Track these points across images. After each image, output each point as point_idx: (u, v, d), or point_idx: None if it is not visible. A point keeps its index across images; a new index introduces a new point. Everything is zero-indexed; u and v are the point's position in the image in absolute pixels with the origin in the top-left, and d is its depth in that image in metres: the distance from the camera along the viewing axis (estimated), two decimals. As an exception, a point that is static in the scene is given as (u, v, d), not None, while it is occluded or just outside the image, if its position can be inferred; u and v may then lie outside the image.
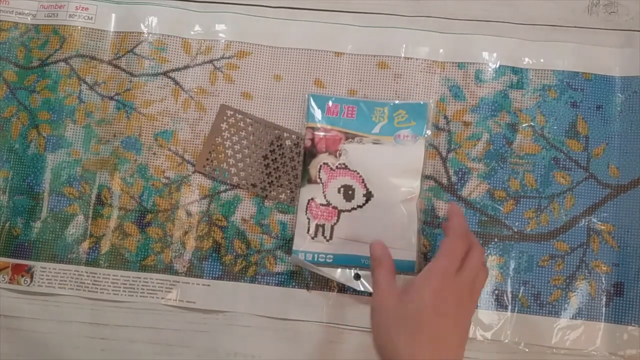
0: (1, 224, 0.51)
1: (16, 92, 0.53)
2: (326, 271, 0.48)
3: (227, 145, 0.52)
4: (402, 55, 0.53)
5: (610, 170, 0.51)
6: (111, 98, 0.53)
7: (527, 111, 0.52)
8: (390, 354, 0.37)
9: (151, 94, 0.53)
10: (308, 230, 0.49)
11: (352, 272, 0.49)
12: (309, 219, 0.50)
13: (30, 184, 0.52)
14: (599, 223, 0.50)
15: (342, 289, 0.50)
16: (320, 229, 0.49)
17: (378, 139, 0.50)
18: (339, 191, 0.50)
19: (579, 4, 0.54)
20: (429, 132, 0.51)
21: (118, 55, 0.54)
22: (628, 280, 0.49)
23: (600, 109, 0.51)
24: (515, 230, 0.50)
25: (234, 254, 0.51)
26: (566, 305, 0.49)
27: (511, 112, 0.52)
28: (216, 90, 0.53)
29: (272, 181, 0.52)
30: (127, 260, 0.51)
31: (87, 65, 0.53)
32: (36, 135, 0.52)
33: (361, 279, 0.48)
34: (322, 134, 0.51)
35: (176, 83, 0.53)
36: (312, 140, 0.51)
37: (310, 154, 0.51)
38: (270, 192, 0.52)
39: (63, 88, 0.53)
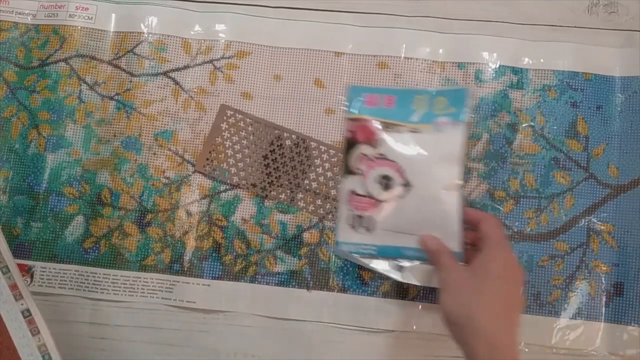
0: (1, 224, 0.51)
1: (16, 92, 0.53)
2: (369, 262, 0.48)
3: (227, 145, 0.52)
4: (402, 55, 0.53)
5: (610, 170, 0.51)
6: (111, 98, 0.53)
7: (527, 111, 0.52)
8: (468, 323, 0.39)
9: (151, 94, 0.53)
10: (350, 221, 0.49)
11: (396, 264, 0.48)
12: (350, 210, 0.49)
13: (30, 184, 0.52)
14: (599, 223, 0.50)
15: (342, 288, 0.50)
16: (362, 221, 0.48)
17: (416, 127, 0.49)
18: (378, 181, 0.49)
19: (579, 4, 0.54)
20: (468, 118, 0.49)
21: (118, 55, 0.54)
22: (628, 280, 0.49)
23: (600, 109, 0.51)
24: (515, 230, 0.50)
25: (234, 253, 0.51)
26: (566, 305, 0.49)
27: (511, 112, 0.52)
28: (216, 90, 0.53)
29: (272, 181, 0.52)
30: (127, 260, 0.51)
31: (87, 65, 0.53)
32: (36, 135, 0.52)
33: (405, 271, 0.47)
34: (360, 124, 0.50)
35: (176, 83, 0.53)
36: (352, 131, 0.50)
37: (349, 144, 0.50)
38: (270, 192, 0.52)
39: (63, 88, 0.53)
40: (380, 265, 0.48)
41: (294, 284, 0.51)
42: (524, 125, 0.51)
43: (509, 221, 0.51)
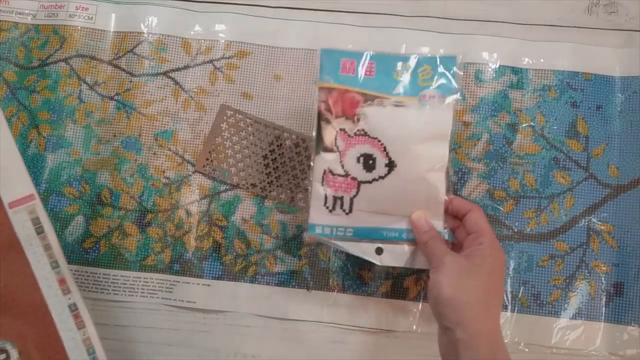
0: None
1: (16, 92, 0.53)
2: (344, 245, 0.45)
3: (227, 145, 0.52)
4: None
5: (610, 170, 0.51)
6: (111, 98, 0.53)
7: (527, 111, 0.52)
8: (459, 305, 0.40)
9: (151, 94, 0.53)
10: (325, 202, 0.45)
11: (374, 245, 0.45)
12: (325, 190, 0.45)
13: (30, 184, 0.52)
14: (599, 223, 0.50)
15: (343, 288, 0.50)
16: (339, 202, 0.45)
17: (400, 100, 0.44)
18: (358, 160, 0.45)
19: (578, 4, 0.54)
20: (457, 90, 0.45)
21: (118, 55, 0.54)
22: (628, 280, 0.49)
23: (600, 109, 0.51)
24: (515, 230, 0.50)
25: (234, 253, 0.51)
26: (566, 305, 0.49)
27: (511, 112, 0.52)
28: (216, 90, 0.53)
29: (272, 181, 0.52)
30: (127, 260, 0.51)
31: (87, 65, 0.53)
32: (36, 135, 0.52)
33: (383, 252, 0.45)
34: (337, 94, 0.45)
35: (176, 83, 0.53)
36: (326, 102, 0.45)
37: (324, 118, 0.45)
38: (270, 192, 0.52)
39: (63, 88, 0.53)
40: (356, 248, 0.45)
41: (294, 284, 0.51)
42: (524, 125, 0.51)
43: (509, 221, 0.51)
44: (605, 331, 0.49)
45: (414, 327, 0.49)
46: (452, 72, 0.45)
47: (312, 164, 0.46)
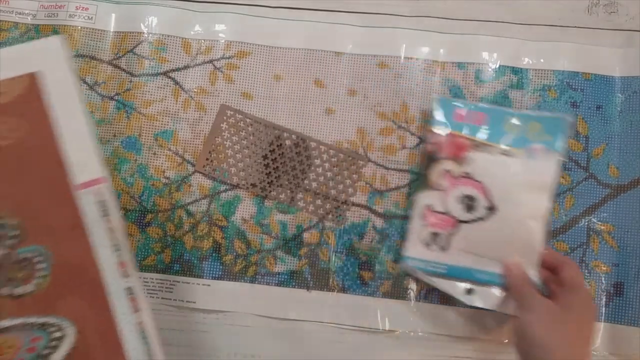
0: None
1: (16, 92, 0.53)
2: (436, 281, 0.47)
3: (227, 145, 0.52)
4: (402, 55, 0.53)
5: (610, 170, 0.51)
6: (111, 98, 0.53)
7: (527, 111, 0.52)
8: (548, 347, 0.40)
9: (151, 94, 0.53)
10: (423, 237, 0.48)
11: (465, 286, 0.47)
12: (424, 225, 0.48)
13: (30, 184, 0.52)
14: (599, 223, 0.50)
15: (343, 289, 0.50)
16: (437, 238, 0.48)
17: (508, 150, 0.47)
18: (459, 201, 0.47)
19: (578, 4, 0.54)
20: (564, 149, 0.47)
21: (118, 55, 0.54)
22: (628, 280, 0.49)
23: (600, 109, 0.51)
24: (516, 230, 0.51)
25: (234, 253, 0.51)
26: (566, 305, 0.49)
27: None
28: (216, 90, 0.53)
29: (272, 181, 0.52)
30: (127, 260, 0.51)
31: (87, 65, 0.53)
32: (36, 135, 0.52)
33: (473, 293, 0.47)
34: (447, 139, 0.48)
35: (176, 83, 0.53)
36: (436, 144, 0.48)
37: (431, 158, 0.48)
38: (270, 192, 0.52)
39: (63, 88, 0.53)
40: (447, 286, 0.47)
41: (294, 284, 0.51)
42: (524, 125, 0.51)
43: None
44: (605, 331, 0.49)
45: (414, 327, 0.49)
46: (561, 133, 0.47)
47: (413, 199, 0.49)
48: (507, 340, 0.49)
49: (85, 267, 0.39)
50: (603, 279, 0.49)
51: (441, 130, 0.49)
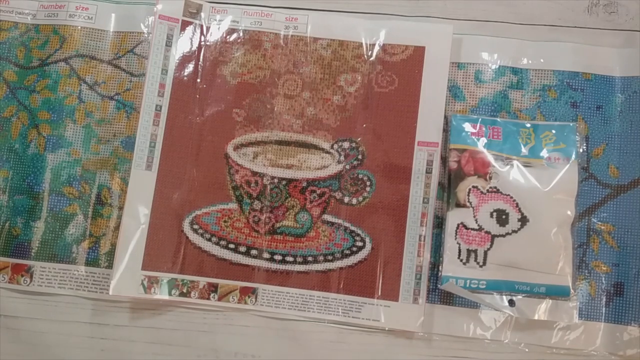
0: (1, 224, 0.51)
1: (16, 92, 0.53)
2: (478, 297, 0.48)
3: (227, 145, 0.52)
4: (402, 55, 0.53)
5: (610, 171, 0.51)
6: (111, 98, 0.53)
7: (527, 111, 0.52)
8: None
9: (151, 94, 0.53)
10: (459, 255, 0.48)
11: (507, 298, 0.48)
12: (459, 243, 0.48)
13: (30, 183, 0.52)
14: (599, 223, 0.50)
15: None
16: (473, 254, 0.48)
17: (528, 161, 0.49)
18: (491, 215, 0.48)
19: (578, 4, 0.54)
20: (578, 155, 0.49)
21: (118, 55, 0.54)
22: (628, 280, 0.49)
23: (600, 109, 0.51)
24: (516, 230, 0.51)
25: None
26: (566, 306, 0.49)
27: (511, 112, 0.52)
28: (216, 90, 0.53)
29: (272, 181, 0.52)
30: (127, 260, 0.51)
31: (87, 65, 0.53)
32: (36, 135, 0.52)
33: (515, 304, 0.48)
34: (469, 155, 0.49)
35: (176, 83, 0.53)
36: (459, 162, 0.49)
37: (457, 176, 0.49)
38: (270, 192, 0.52)
39: (63, 88, 0.53)
40: (490, 300, 0.48)
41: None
42: (524, 125, 0.51)
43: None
44: (605, 331, 0.49)
45: (415, 327, 0.49)
46: (572, 139, 0.49)
47: (444, 218, 0.49)
48: (507, 341, 0.49)
49: (397, 207, 0.50)
50: (603, 279, 0.49)
51: (461, 147, 0.49)
